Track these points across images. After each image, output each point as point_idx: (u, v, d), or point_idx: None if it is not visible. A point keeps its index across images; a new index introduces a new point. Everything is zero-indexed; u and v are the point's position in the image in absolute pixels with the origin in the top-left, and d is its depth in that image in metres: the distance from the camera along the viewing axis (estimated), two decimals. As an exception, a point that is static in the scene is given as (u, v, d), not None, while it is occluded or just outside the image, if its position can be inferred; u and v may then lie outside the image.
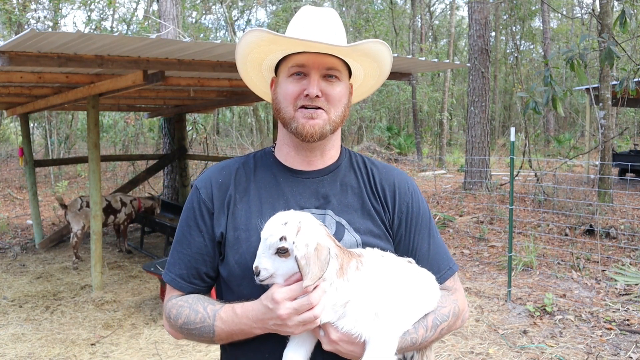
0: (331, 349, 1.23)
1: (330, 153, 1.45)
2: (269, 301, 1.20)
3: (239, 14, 23.76)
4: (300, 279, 1.17)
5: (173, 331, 1.41)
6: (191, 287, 1.40)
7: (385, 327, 1.21)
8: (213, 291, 1.49)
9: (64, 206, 6.82)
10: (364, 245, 1.35)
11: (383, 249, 1.34)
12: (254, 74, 1.49)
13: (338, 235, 1.34)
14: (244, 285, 1.33)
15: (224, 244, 1.37)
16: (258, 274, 1.21)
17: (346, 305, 1.20)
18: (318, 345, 1.26)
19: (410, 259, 1.36)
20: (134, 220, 7.84)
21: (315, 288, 1.18)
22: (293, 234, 1.18)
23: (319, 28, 1.36)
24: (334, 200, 1.40)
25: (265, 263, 1.21)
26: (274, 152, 1.48)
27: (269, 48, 1.37)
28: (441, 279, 1.42)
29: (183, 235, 1.42)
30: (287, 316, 1.17)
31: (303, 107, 1.34)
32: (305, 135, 1.34)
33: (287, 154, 1.44)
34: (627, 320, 4.63)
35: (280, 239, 1.18)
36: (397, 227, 1.43)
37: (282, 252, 1.19)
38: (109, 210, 7.04)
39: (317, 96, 1.32)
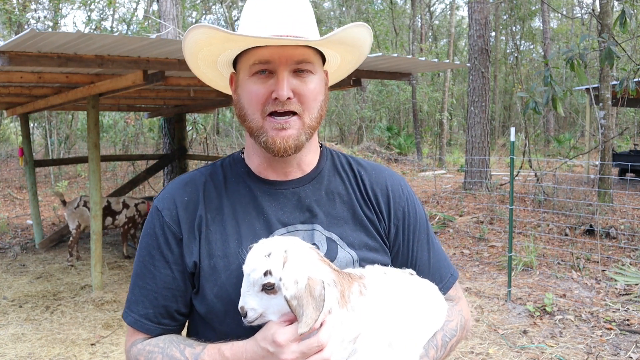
0: None
1: (307, 159, 1.25)
2: (268, 344, 1.01)
3: (239, 14, 23.77)
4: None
5: None
6: (160, 329, 1.18)
7: (401, 359, 1.08)
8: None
9: (64, 203, 6.87)
10: (361, 261, 1.19)
11: (381, 264, 1.19)
12: (209, 71, 1.27)
13: (331, 253, 1.17)
14: (227, 322, 1.13)
15: (199, 275, 1.15)
16: (245, 315, 1.05)
17: (356, 341, 1.04)
18: None
19: (412, 271, 1.24)
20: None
21: (322, 325, 1.00)
22: (279, 267, 1.01)
23: (282, 14, 1.12)
24: (321, 212, 1.21)
25: (251, 302, 1.04)
26: (243, 158, 1.28)
27: (223, 46, 1.14)
28: (444, 288, 1.31)
29: (145, 267, 1.18)
30: None
31: (273, 113, 1.12)
32: (277, 151, 1.13)
33: (259, 165, 1.24)
34: (627, 320, 4.63)
35: (265, 274, 1.01)
36: (394, 236, 1.27)
37: (268, 288, 1.02)
38: (106, 211, 6.82)
39: (288, 98, 1.11)
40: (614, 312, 4.82)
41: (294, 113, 1.13)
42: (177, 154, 9.72)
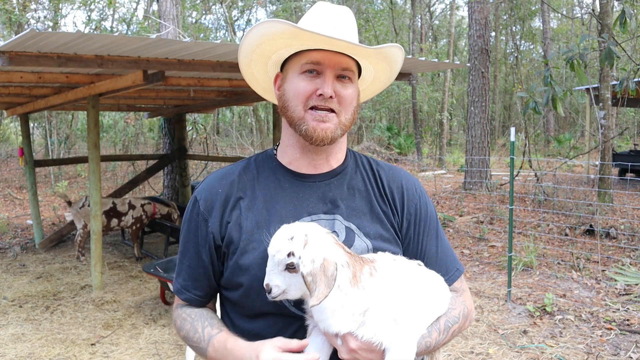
0: (349, 358, 1.20)
1: (336, 156, 1.41)
2: (254, 356, 1.19)
3: (239, 14, 23.78)
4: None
5: (178, 335, 1.44)
6: (195, 298, 1.41)
7: (405, 333, 1.19)
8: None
9: (70, 203, 6.90)
10: (375, 250, 1.31)
11: (393, 253, 1.31)
12: (257, 67, 1.41)
13: (348, 241, 1.31)
14: (252, 297, 1.30)
15: (230, 255, 1.33)
16: (270, 292, 1.19)
17: (365, 314, 1.17)
18: (334, 353, 1.24)
19: (420, 262, 1.35)
20: (149, 225, 7.42)
21: None
22: (300, 249, 1.15)
23: (337, 26, 1.30)
24: (342, 204, 1.36)
25: (275, 280, 1.18)
26: (275, 154, 1.43)
27: (286, 42, 1.29)
28: (449, 280, 1.41)
29: (185, 247, 1.40)
30: None
31: (314, 107, 1.28)
32: (315, 139, 1.29)
33: (291, 157, 1.38)
34: (627, 320, 4.63)
35: (288, 255, 1.15)
36: (405, 229, 1.40)
37: (291, 267, 1.16)
38: (111, 213, 6.80)
39: (330, 97, 1.27)
40: (614, 312, 4.82)
41: (332, 111, 1.29)
42: (177, 154, 9.72)
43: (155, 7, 17.92)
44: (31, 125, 14.12)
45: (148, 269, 4.89)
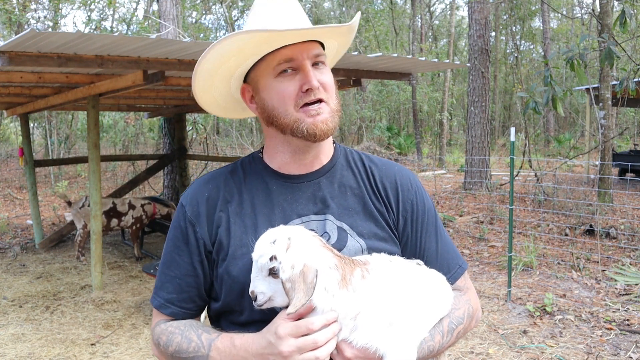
0: None
1: (325, 149, 1.35)
2: (271, 335, 1.11)
3: (239, 14, 23.76)
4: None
5: (163, 358, 1.30)
6: (182, 312, 1.31)
7: (402, 337, 1.12)
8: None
9: (69, 203, 6.90)
10: (370, 250, 1.25)
11: (390, 253, 1.25)
12: (221, 86, 1.32)
13: (341, 241, 1.25)
14: (244, 304, 1.25)
15: (218, 262, 1.27)
16: (255, 299, 1.13)
17: (356, 318, 1.10)
18: None
19: (419, 261, 1.28)
20: (150, 225, 7.40)
21: (323, 327, 1.08)
22: (283, 252, 1.09)
23: (293, 14, 1.24)
24: (333, 203, 1.30)
25: (260, 286, 1.12)
26: (262, 157, 1.36)
27: (254, 50, 1.21)
28: (452, 278, 1.35)
29: (171, 256, 1.31)
30: (289, 354, 1.08)
31: (306, 104, 1.22)
32: (319, 135, 1.22)
33: (280, 161, 1.32)
34: (627, 320, 4.63)
35: (271, 259, 1.10)
36: (402, 227, 1.33)
37: (274, 272, 1.10)
38: (111, 213, 6.79)
39: (317, 87, 1.22)
40: (614, 312, 4.82)
41: (321, 101, 1.23)
42: (177, 154, 9.71)
43: (155, 7, 17.92)
44: (31, 125, 14.11)
45: (148, 269, 4.90)
